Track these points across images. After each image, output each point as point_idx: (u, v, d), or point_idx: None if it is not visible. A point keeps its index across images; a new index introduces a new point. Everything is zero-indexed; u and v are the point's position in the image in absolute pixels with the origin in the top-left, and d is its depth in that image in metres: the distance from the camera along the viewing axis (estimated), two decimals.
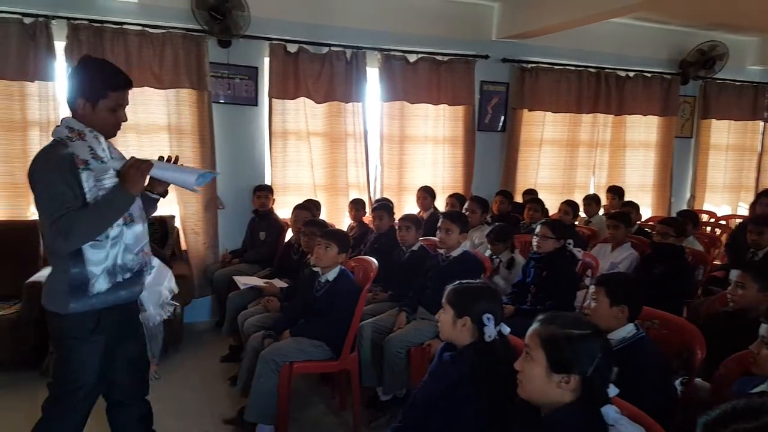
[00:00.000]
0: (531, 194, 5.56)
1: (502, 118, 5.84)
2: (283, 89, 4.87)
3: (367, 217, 4.93)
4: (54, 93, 4.24)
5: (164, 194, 2.26)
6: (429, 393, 2.03)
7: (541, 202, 5.02)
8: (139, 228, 2.09)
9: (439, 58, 5.36)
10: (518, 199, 5.71)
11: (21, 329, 3.65)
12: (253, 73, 4.85)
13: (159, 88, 4.52)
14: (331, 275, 3.18)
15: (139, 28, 4.37)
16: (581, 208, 5.23)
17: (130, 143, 4.49)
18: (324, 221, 4.12)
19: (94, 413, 2.16)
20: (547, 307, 3.24)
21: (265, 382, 2.91)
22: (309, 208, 4.44)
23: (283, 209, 4.95)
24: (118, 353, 2.14)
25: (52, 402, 2.09)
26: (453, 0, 5.36)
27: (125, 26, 4.34)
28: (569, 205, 4.94)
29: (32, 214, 4.33)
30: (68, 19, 4.18)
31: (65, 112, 4.25)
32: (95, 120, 2.00)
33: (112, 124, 2.05)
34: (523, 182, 5.93)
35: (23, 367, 3.73)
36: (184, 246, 4.83)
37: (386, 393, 3.25)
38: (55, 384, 2.08)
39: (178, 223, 4.77)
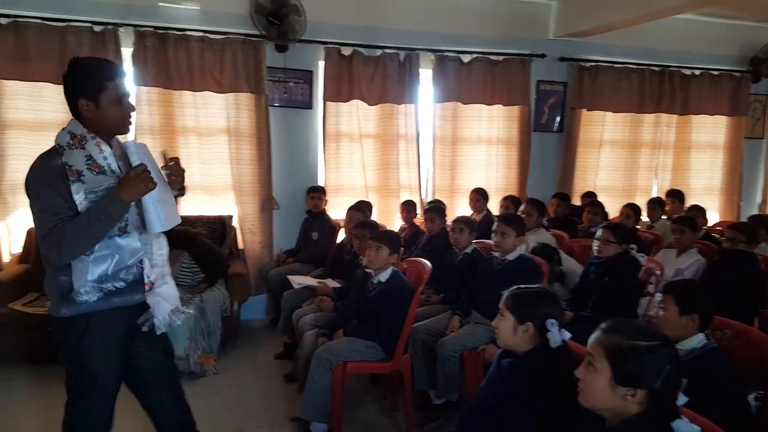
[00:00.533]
0: (590, 197, 5.40)
1: (559, 118, 5.71)
2: (337, 92, 4.93)
3: (419, 219, 4.92)
4: None
5: (182, 192, 2.22)
6: (487, 399, 2.00)
7: (601, 206, 4.86)
8: (135, 240, 1.98)
9: (494, 57, 5.30)
10: (576, 201, 5.57)
11: None
12: (308, 76, 4.93)
13: (219, 92, 4.65)
14: (384, 276, 3.17)
15: (201, 34, 4.52)
16: (644, 212, 5.04)
17: (192, 146, 4.66)
18: (375, 222, 4.13)
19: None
20: (608, 315, 3.14)
21: (319, 380, 2.94)
22: (362, 210, 4.47)
23: (336, 210, 5.01)
24: (135, 354, 2.12)
25: (70, 402, 2.11)
26: None
27: (188, 32, 4.50)
28: (631, 209, 4.76)
29: None
30: (135, 26, 4.37)
31: (134, 116, 4.49)
32: (104, 118, 1.92)
33: (120, 118, 1.97)
34: (581, 184, 5.78)
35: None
36: (241, 245, 4.95)
37: (439, 397, 3.23)
38: (68, 385, 2.09)
39: (235, 223, 4.90)
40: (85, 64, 1.95)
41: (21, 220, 4.42)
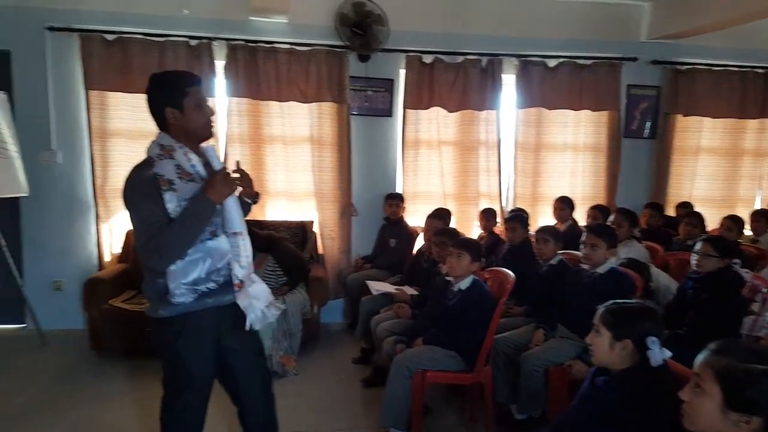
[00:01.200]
0: (686, 207, 5.08)
1: (652, 123, 5.43)
2: (417, 99, 4.95)
3: (498, 228, 4.83)
4: (215, 108, 4.63)
5: (256, 200, 2.29)
6: (580, 418, 1.92)
7: (699, 217, 4.54)
8: (224, 242, 2.05)
9: (582, 62, 5.13)
10: (670, 212, 5.27)
11: None
12: (389, 85, 4.97)
13: (303, 102, 4.79)
14: (464, 284, 3.13)
15: (288, 46, 4.68)
16: (747, 225, 4.69)
17: (278, 154, 4.83)
18: (455, 230, 4.09)
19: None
20: (707, 334, 2.93)
21: (398, 387, 2.95)
22: (441, 217, 4.44)
23: (413, 217, 5.02)
24: (228, 353, 2.17)
25: (167, 400, 2.19)
26: (597, 2, 5.11)
27: (276, 45, 4.67)
28: (733, 221, 4.43)
29: None
30: (227, 40, 4.59)
31: (224, 125, 4.68)
32: (189, 123, 2.01)
33: (204, 122, 2.05)
34: (675, 194, 5.46)
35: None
36: (321, 250, 5.06)
37: (521, 412, 3.13)
38: (165, 382, 2.18)
39: (316, 229, 5.02)
40: (167, 77, 2.09)
41: (122, 222, 4.72)
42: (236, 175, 2.08)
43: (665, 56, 5.30)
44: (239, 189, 2.11)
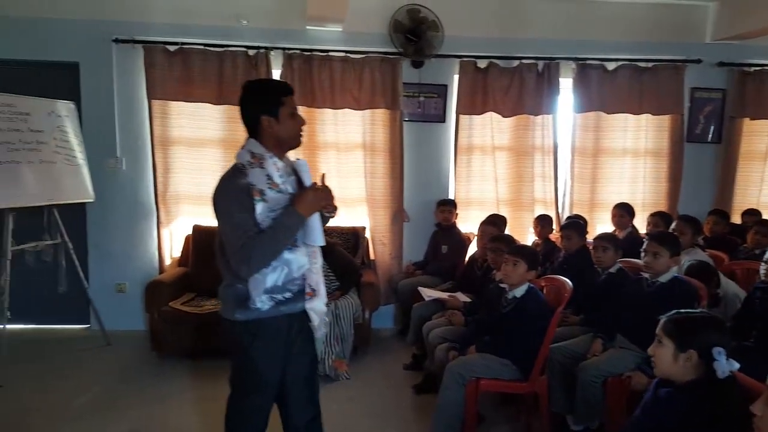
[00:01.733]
0: (754, 215, 4.84)
1: (716, 128, 5.22)
2: (471, 105, 4.92)
3: (554, 235, 4.72)
4: None
5: (334, 214, 2.28)
6: (643, 430, 1.86)
7: None
8: (302, 253, 2.10)
9: (642, 64, 4.98)
10: (735, 219, 5.04)
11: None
12: (443, 90, 4.96)
13: (357, 109, 4.84)
14: (519, 292, 3.09)
15: (343, 54, 4.74)
16: None
17: (331, 160, 4.89)
18: (511, 237, 4.03)
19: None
20: None
21: (451, 394, 2.92)
22: (496, 224, 4.38)
23: (466, 224, 4.98)
24: (291, 361, 2.20)
25: (235, 400, 2.23)
26: (658, 3, 4.96)
27: (331, 53, 4.74)
28: None
29: None
30: (284, 49, 4.69)
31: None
32: (282, 131, 2.05)
33: (296, 131, 2.11)
34: (741, 201, 5.24)
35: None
36: (372, 256, 5.08)
37: (577, 423, 3.05)
38: (234, 382, 2.22)
39: (368, 234, 5.04)
40: (263, 84, 2.16)
41: (182, 227, 4.88)
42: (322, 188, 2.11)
43: (731, 58, 5.09)
44: None
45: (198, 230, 4.74)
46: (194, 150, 4.79)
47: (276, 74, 4.73)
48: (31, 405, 3.49)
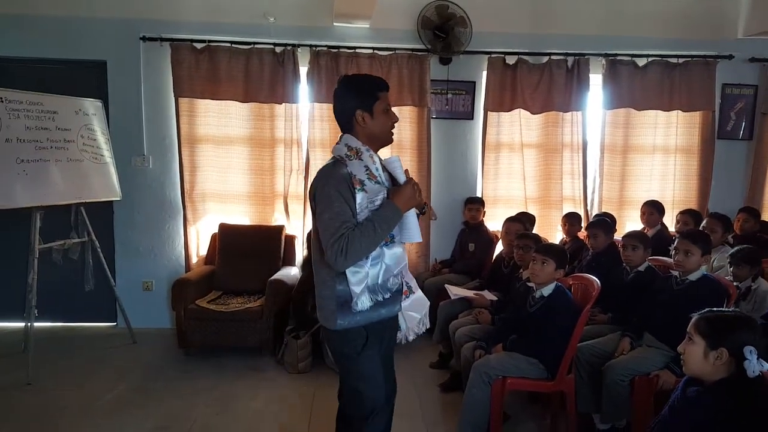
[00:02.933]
0: None
1: (748, 124, 5.11)
2: (499, 102, 4.88)
3: (583, 233, 4.66)
4: (298, 114, 4.80)
5: (425, 210, 2.27)
6: (669, 430, 1.83)
7: None
8: (399, 249, 2.08)
9: (673, 60, 4.90)
10: (766, 217, 4.93)
11: (264, 320, 4.16)
12: (471, 87, 4.93)
13: None
14: (547, 291, 3.05)
15: (370, 51, 4.73)
16: None
17: None
18: (538, 235, 3.99)
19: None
20: None
21: (477, 393, 2.91)
22: (522, 221, 4.33)
23: (493, 222, 4.93)
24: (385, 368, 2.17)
25: (346, 426, 2.18)
26: None
27: (358, 50, 4.74)
28: None
29: (276, 219, 4.93)
30: (311, 46, 4.70)
31: (306, 131, 4.76)
32: (376, 127, 2.04)
33: (389, 127, 2.09)
34: None
35: (264, 353, 4.26)
36: None
37: (604, 422, 3.01)
38: (347, 407, 2.15)
39: None
40: (360, 80, 2.15)
41: (208, 225, 4.92)
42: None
43: (763, 53, 5.00)
44: None
45: (224, 228, 4.77)
46: (221, 148, 4.82)
47: (303, 72, 4.74)
48: (59, 402, 3.53)
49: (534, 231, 4.54)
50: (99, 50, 4.68)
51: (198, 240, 4.94)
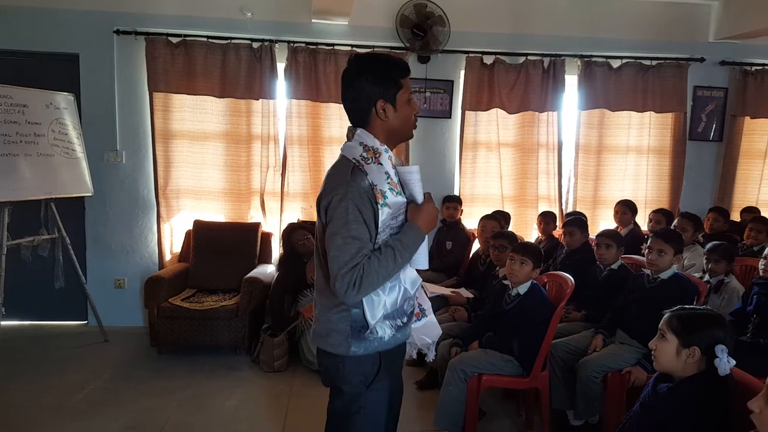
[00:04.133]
0: (752, 212, 4.87)
1: (718, 126, 5.23)
2: (477, 101, 4.91)
3: (557, 231, 4.72)
4: (275, 110, 4.76)
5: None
6: (640, 426, 1.87)
7: (766, 222, 4.35)
8: (414, 272, 1.79)
9: (647, 62, 4.98)
10: (735, 217, 5.05)
11: (239, 318, 4.11)
12: (449, 86, 4.94)
13: None
14: (522, 289, 3.08)
15: (348, 48, 4.71)
16: None
17: (337, 155, 4.75)
18: (514, 233, 4.02)
19: None
20: None
21: (453, 390, 2.93)
22: (498, 219, 4.37)
23: (470, 220, 4.97)
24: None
25: None
26: (663, 1, 4.96)
27: (336, 47, 4.71)
28: None
29: (252, 217, 4.89)
30: (289, 42, 4.66)
31: (283, 127, 4.72)
32: (398, 121, 1.70)
33: (413, 120, 1.76)
34: (741, 199, 5.26)
35: (239, 351, 4.22)
36: None
37: (577, 418, 3.07)
38: None
39: None
40: (381, 62, 1.72)
41: (183, 221, 4.85)
42: None
43: (734, 57, 5.11)
44: None
45: (199, 225, 4.71)
46: (196, 144, 4.76)
47: (280, 68, 4.71)
48: (28, 402, 3.45)
49: (510, 229, 4.59)
50: (71, 43, 4.58)
51: (172, 237, 4.87)
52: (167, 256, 4.84)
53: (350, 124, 1.77)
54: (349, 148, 1.70)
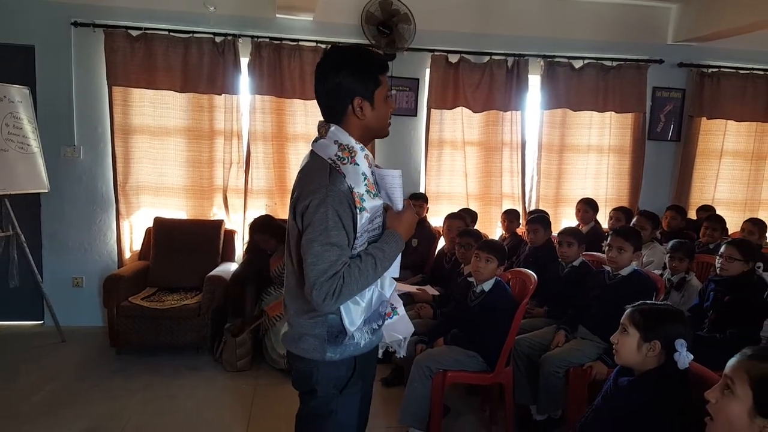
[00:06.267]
0: (708, 210, 5.03)
1: (676, 126, 5.38)
2: (442, 99, 4.93)
3: (521, 229, 4.79)
4: (238, 105, 4.69)
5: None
6: (602, 419, 1.90)
7: (721, 220, 4.51)
8: (389, 275, 1.74)
9: (608, 63, 5.09)
10: (692, 215, 5.21)
11: (201, 317, 4.04)
12: (414, 84, 4.95)
13: None
14: (487, 286, 3.11)
15: (313, 44, 4.66)
16: None
17: (300, 152, 4.78)
18: (479, 231, 4.06)
19: None
20: (728, 336, 2.94)
21: (418, 387, 2.94)
22: (463, 218, 4.40)
23: (436, 217, 4.99)
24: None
25: None
26: (624, 3, 5.07)
27: (301, 42, 4.66)
28: (755, 224, 4.37)
29: (214, 214, 4.81)
30: (252, 37, 4.58)
31: (247, 123, 4.63)
32: (375, 120, 1.64)
33: (386, 118, 1.69)
34: (698, 197, 5.43)
35: (202, 351, 4.15)
36: None
37: (540, 413, 3.12)
38: None
39: None
40: (359, 56, 1.64)
41: (143, 218, 4.74)
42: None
43: (691, 59, 5.25)
44: None
45: (160, 222, 4.61)
46: (156, 139, 4.65)
47: (244, 62, 4.63)
48: None
49: (475, 227, 4.62)
50: (26, 34, 4.42)
51: (131, 234, 4.76)
52: (127, 254, 4.72)
53: (321, 119, 1.70)
54: (323, 147, 1.63)
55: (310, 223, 1.53)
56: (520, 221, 4.87)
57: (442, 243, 4.62)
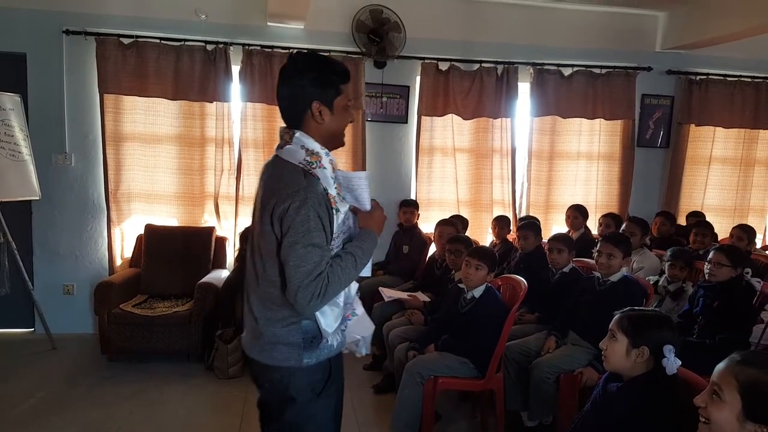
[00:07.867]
0: (697, 216, 5.07)
1: (665, 133, 5.43)
2: (432, 106, 4.96)
3: (511, 235, 4.81)
4: (230, 113, 4.70)
5: None
6: (591, 425, 1.91)
7: (710, 226, 4.55)
8: None
9: (597, 70, 5.14)
10: (681, 221, 5.25)
11: (192, 325, 4.04)
12: (405, 91, 4.98)
13: None
14: (477, 292, 3.13)
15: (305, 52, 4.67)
16: (759, 234, 4.67)
17: None
18: (469, 238, 4.07)
19: None
20: (718, 341, 2.95)
21: (410, 393, 2.94)
22: (454, 224, 4.42)
23: (426, 224, 5.00)
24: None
25: None
26: (613, 11, 5.13)
27: (292, 50, 4.64)
28: (744, 230, 4.41)
29: (205, 221, 4.81)
30: (244, 45, 4.60)
31: (238, 130, 4.66)
32: (333, 127, 1.67)
33: (344, 127, 1.73)
34: (687, 203, 5.47)
35: (192, 359, 4.14)
36: None
37: (531, 419, 3.12)
38: None
39: None
40: (321, 63, 1.66)
41: (134, 225, 4.73)
42: None
43: (680, 66, 5.31)
44: None
45: (151, 230, 4.60)
46: (148, 146, 4.65)
47: (235, 70, 4.65)
48: None
49: (466, 233, 4.64)
50: (18, 42, 4.42)
51: (123, 242, 4.75)
52: (118, 262, 4.71)
53: (283, 125, 1.71)
54: (291, 152, 1.63)
55: (291, 226, 1.54)
56: (511, 228, 4.89)
57: (433, 249, 4.64)
